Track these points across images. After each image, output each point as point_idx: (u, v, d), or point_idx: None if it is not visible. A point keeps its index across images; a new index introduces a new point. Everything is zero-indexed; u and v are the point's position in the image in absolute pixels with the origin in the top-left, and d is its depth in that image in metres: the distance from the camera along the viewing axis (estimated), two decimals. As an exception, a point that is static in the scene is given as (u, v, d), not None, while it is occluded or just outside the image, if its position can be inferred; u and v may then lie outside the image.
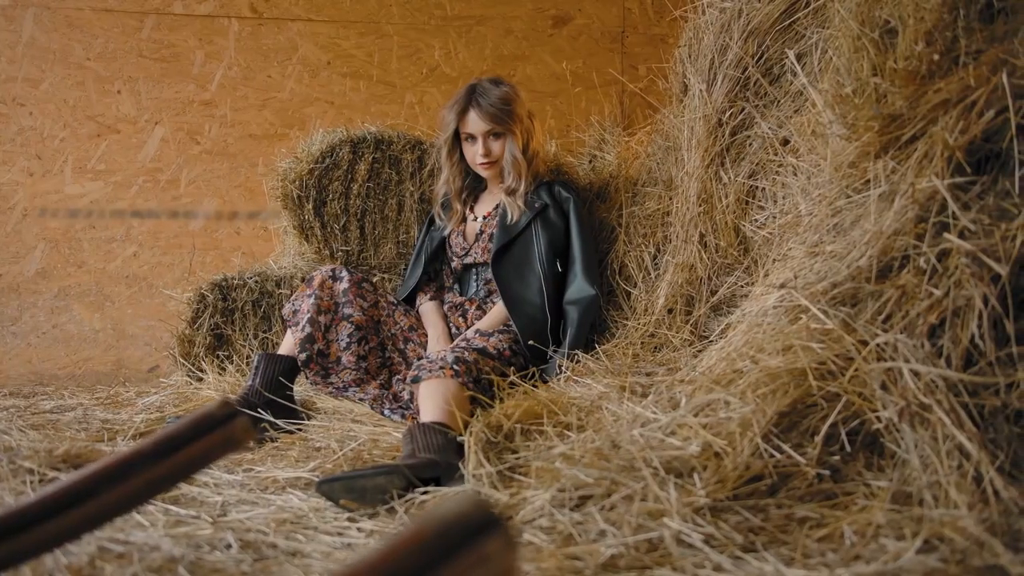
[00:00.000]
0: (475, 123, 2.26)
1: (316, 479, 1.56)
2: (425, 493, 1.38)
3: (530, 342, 2.10)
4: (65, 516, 0.85)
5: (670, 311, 2.21)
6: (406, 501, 1.36)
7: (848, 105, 1.68)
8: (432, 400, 1.75)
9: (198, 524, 1.29)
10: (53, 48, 3.10)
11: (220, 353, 2.51)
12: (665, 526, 1.11)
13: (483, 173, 2.34)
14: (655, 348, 2.15)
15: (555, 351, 2.13)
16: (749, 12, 2.17)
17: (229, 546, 1.19)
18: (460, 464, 1.49)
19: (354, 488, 1.36)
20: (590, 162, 2.89)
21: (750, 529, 1.15)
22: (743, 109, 2.16)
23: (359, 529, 1.30)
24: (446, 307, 2.38)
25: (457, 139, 2.33)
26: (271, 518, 1.34)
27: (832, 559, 1.04)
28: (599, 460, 1.28)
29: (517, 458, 1.48)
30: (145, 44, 3.16)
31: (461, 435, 1.63)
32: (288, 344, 2.17)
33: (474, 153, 2.29)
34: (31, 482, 1.42)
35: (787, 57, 2.09)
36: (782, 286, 1.63)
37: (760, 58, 2.15)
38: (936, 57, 1.52)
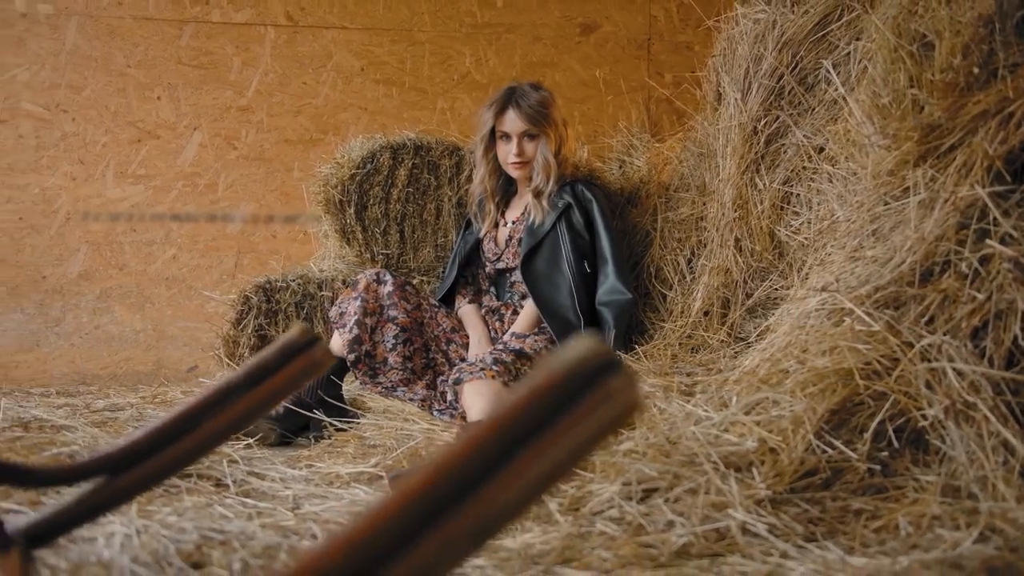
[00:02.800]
0: (512, 122, 2.33)
1: (380, 474, 1.64)
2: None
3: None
4: (173, 447, 0.93)
5: (706, 313, 2.28)
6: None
7: (888, 116, 1.75)
8: (480, 399, 1.82)
9: (280, 515, 1.36)
10: (95, 56, 3.18)
11: (264, 353, 2.58)
12: (730, 516, 1.18)
13: (513, 173, 2.41)
14: (692, 349, 2.22)
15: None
16: (783, 23, 2.24)
17: (315, 535, 1.26)
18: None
19: (423, 482, 1.42)
20: (620, 167, 2.96)
21: (809, 520, 1.21)
22: (777, 117, 2.23)
23: (430, 520, 1.37)
24: (483, 311, 2.45)
25: (493, 138, 2.40)
26: (345, 510, 1.41)
27: (891, 548, 1.11)
28: (660, 455, 1.35)
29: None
30: (184, 51, 3.24)
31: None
32: (335, 345, 2.24)
33: (507, 152, 2.36)
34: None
35: (822, 68, 2.16)
36: (825, 289, 1.70)
37: (794, 68, 2.22)
38: (976, 70, 1.58)
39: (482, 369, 1.88)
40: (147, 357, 3.20)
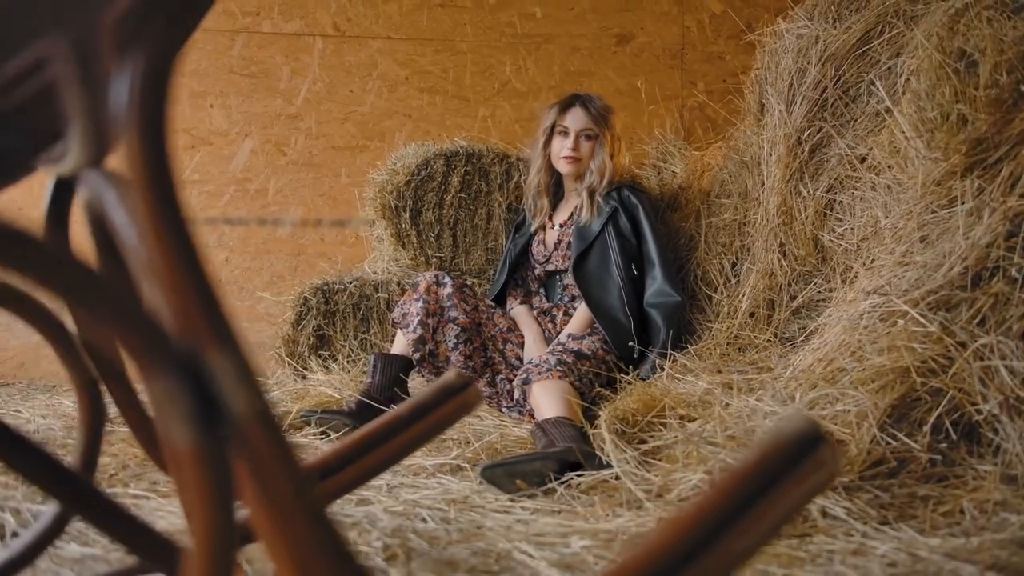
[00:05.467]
0: (574, 118, 2.45)
1: (463, 465, 1.75)
2: (580, 476, 1.56)
3: (629, 343, 2.28)
4: (335, 477, 1.04)
5: (752, 315, 2.39)
6: (561, 483, 1.54)
7: (936, 129, 1.86)
8: (550, 398, 1.93)
9: (386, 502, 1.47)
10: (150, 65, 3.29)
11: (322, 352, 2.70)
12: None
13: (564, 167, 2.51)
14: (740, 348, 2.33)
15: (649, 350, 2.31)
16: (826, 39, 2.35)
17: (424, 520, 1.37)
18: (595, 450, 1.67)
19: (514, 473, 1.54)
20: (658, 173, 3.08)
21: (880, 505, 1.32)
22: (821, 128, 2.34)
23: (522, 508, 1.48)
24: (535, 312, 2.57)
25: (551, 136, 2.51)
26: (441, 498, 1.52)
27: (961, 530, 1.22)
28: (739, 446, 1.46)
29: (648, 446, 1.66)
30: (235, 61, 3.36)
31: (582, 426, 1.82)
32: (400, 344, 2.35)
33: (562, 146, 2.48)
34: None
35: (864, 81, 2.27)
36: (877, 292, 1.81)
37: (837, 81, 2.33)
38: (1022, 87, 1.70)
39: (548, 370, 1.99)
40: None
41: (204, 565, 0.44)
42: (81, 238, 0.69)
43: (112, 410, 0.96)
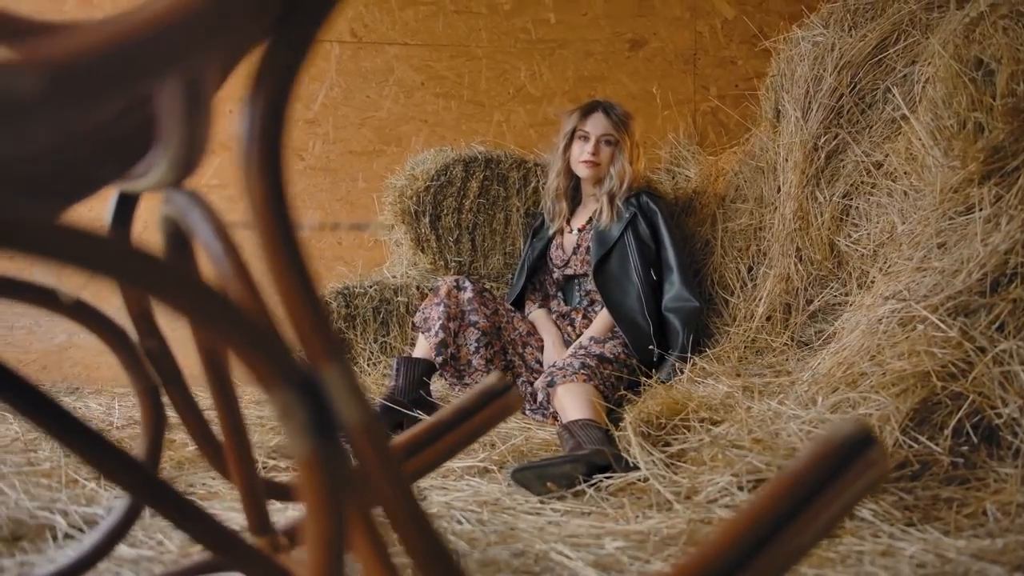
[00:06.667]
0: (595, 123, 2.49)
1: (491, 468, 1.79)
2: (608, 478, 1.60)
3: (649, 347, 2.31)
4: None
5: (768, 318, 2.43)
6: (590, 485, 1.58)
7: (953, 137, 1.89)
8: (576, 401, 1.96)
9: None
10: (170, 71, 3.33)
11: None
12: (837, 503, 1.32)
13: (582, 171, 2.55)
14: (757, 352, 2.37)
15: (668, 354, 2.34)
16: (842, 47, 2.38)
17: (460, 522, 1.41)
18: (621, 453, 1.71)
19: (545, 475, 1.57)
20: (672, 178, 3.11)
21: (905, 507, 1.36)
22: (836, 135, 2.37)
23: (552, 510, 1.52)
24: (553, 316, 2.60)
25: (571, 141, 2.55)
26: (472, 500, 1.56)
27: (986, 531, 1.26)
28: (765, 449, 1.50)
29: (673, 448, 1.70)
30: (254, 68, 3.38)
31: (608, 429, 1.86)
32: (422, 348, 2.39)
33: (581, 151, 2.52)
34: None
35: (879, 89, 2.30)
36: (896, 297, 1.84)
37: (853, 88, 2.36)
38: (1040, 98, 1.73)
39: (573, 373, 2.02)
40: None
41: (321, 559, 0.48)
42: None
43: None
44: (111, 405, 2.50)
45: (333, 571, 0.49)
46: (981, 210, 1.79)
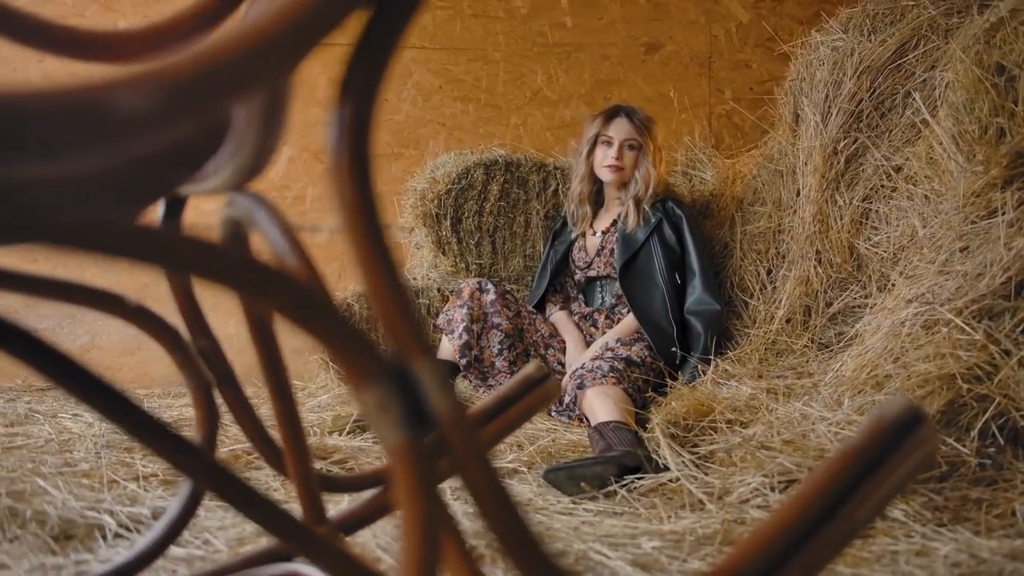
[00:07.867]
0: (619, 128, 2.52)
1: (521, 469, 1.82)
2: (640, 479, 1.63)
3: (672, 349, 2.34)
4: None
5: (788, 321, 2.45)
6: (622, 486, 1.61)
7: (975, 142, 1.92)
8: (605, 403, 1.99)
9: (455, 505, 1.54)
10: (190, 76, 3.36)
11: (365, 357, 2.76)
12: (869, 504, 1.35)
13: (605, 176, 2.58)
14: (778, 353, 2.39)
15: (691, 355, 2.37)
16: (861, 52, 2.41)
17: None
18: (651, 454, 1.74)
19: (577, 476, 1.60)
20: (689, 180, 3.14)
21: (935, 508, 1.38)
22: (856, 139, 2.40)
23: (585, 510, 1.55)
24: (576, 318, 2.63)
25: (594, 146, 2.58)
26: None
27: (1016, 531, 1.28)
28: (795, 451, 1.53)
29: (701, 450, 1.73)
30: (273, 71, 3.42)
31: (637, 431, 1.89)
32: (445, 350, 2.42)
33: (605, 155, 2.55)
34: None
35: (899, 93, 2.32)
36: (919, 300, 1.86)
37: (872, 93, 2.38)
38: (1062, 104, 1.75)
39: (603, 376, 2.05)
40: (241, 359, 3.38)
41: (416, 548, 0.51)
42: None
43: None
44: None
45: (428, 561, 0.52)
46: (1004, 214, 1.82)
